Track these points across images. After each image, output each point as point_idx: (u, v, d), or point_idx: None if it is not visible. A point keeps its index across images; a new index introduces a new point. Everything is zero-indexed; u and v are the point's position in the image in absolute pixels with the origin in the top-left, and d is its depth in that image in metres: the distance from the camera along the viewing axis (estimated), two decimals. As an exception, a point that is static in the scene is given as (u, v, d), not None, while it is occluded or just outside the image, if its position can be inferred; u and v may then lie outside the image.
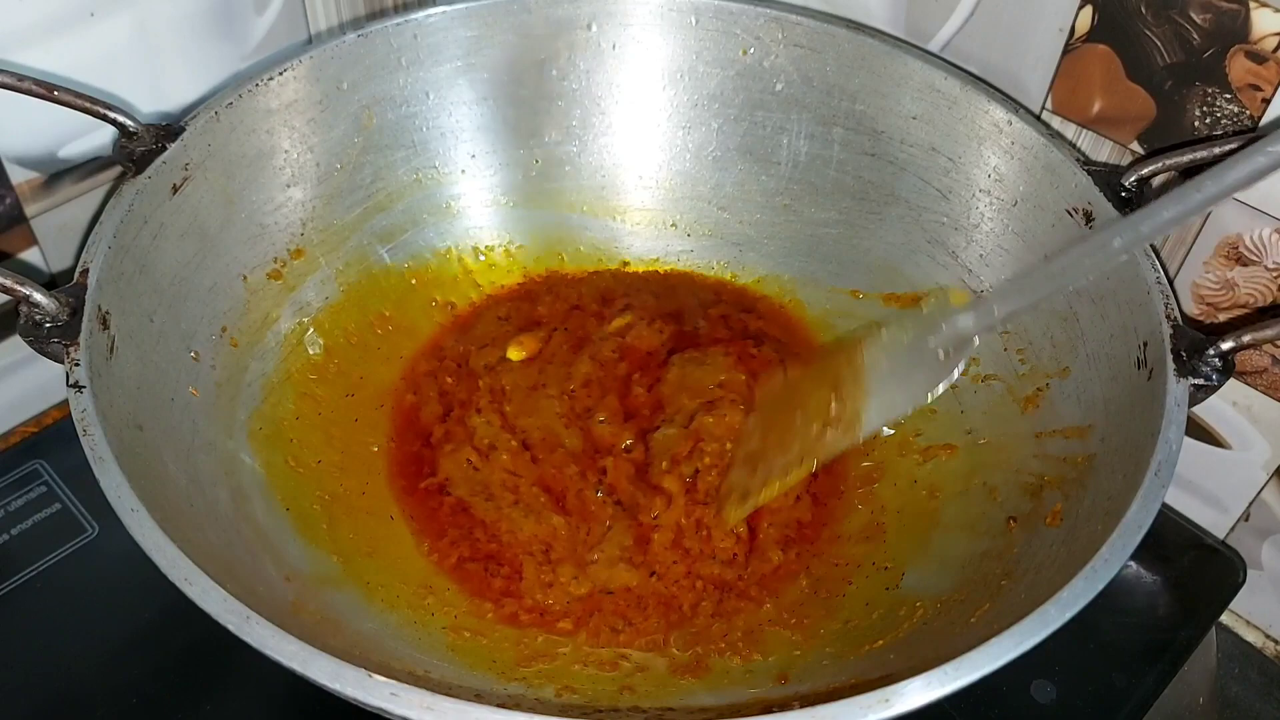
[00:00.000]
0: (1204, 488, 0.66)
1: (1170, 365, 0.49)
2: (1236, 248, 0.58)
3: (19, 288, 0.47)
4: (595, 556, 0.57)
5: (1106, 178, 0.57)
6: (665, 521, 0.58)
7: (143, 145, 0.56)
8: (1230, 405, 0.63)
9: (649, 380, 0.65)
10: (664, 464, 0.60)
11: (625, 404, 0.64)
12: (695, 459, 0.60)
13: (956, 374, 0.50)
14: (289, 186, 0.64)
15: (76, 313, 0.48)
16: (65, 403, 0.56)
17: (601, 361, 0.65)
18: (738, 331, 0.68)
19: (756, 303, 0.71)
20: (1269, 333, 0.49)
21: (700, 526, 0.58)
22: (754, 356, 0.65)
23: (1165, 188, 0.60)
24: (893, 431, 0.64)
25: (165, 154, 0.56)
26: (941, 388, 0.51)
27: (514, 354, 0.65)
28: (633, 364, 0.66)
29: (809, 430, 0.55)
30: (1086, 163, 0.59)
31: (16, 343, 0.55)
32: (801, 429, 0.55)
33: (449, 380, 0.66)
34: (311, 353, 0.64)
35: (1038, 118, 0.63)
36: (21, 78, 0.53)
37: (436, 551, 0.58)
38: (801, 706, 0.37)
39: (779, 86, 0.69)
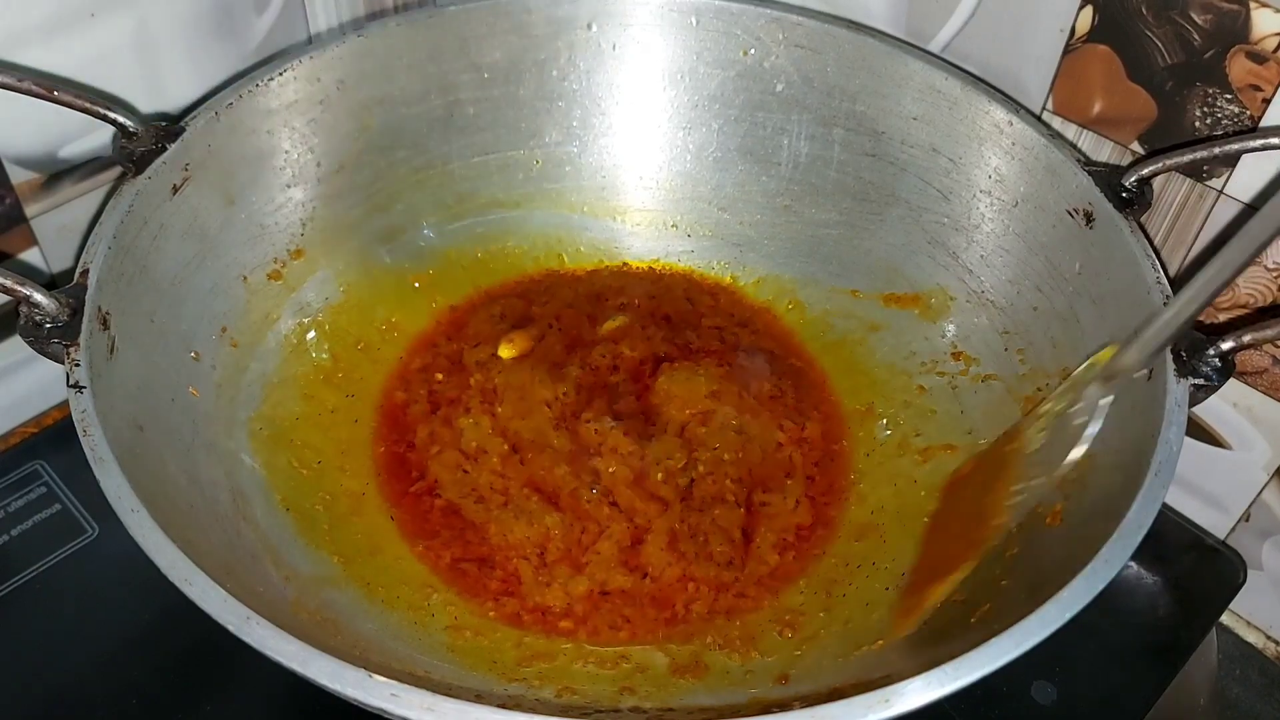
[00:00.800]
0: (1204, 488, 0.66)
1: (1170, 365, 0.49)
2: (1237, 248, 0.58)
3: (19, 288, 0.47)
4: (590, 558, 0.58)
5: (1107, 178, 0.57)
6: (659, 527, 0.58)
7: (143, 145, 0.56)
8: (1230, 405, 0.63)
9: (638, 388, 0.65)
10: (659, 475, 0.60)
11: (614, 410, 0.64)
12: (690, 470, 0.60)
13: (1095, 431, 0.49)
14: (289, 186, 0.64)
15: (77, 313, 0.48)
16: (65, 403, 0.56)
17: (592, 367, 0.65)
18: (730, 345, 0.68)
19: (752, 316, 0.71)
20: (1269, 333, 0.49)
21: (696, 532, 0.58)
22: (745, 369, 0.65)
23: (1165, 188, 0.60)
24: (890, 432, 0.64)
25: (165, 154, 0.56)
26: (1079, 452, 0.49)
27: (505, 352, 0.65)
28: (623, 371, 0.66)
29: (981, 526, 0.54)
30: (1087, 163, 0.59)
31: (16, 343, 0.55)
32: (974, 525, 0.55)
33: (439, 377, 0.65)
34: (315, 356, 0.64)
35: (1038, 118, 0.63)
36: (21, 78, 0.53)
37: (432, 552, 0.58)
38: (801, 707, 0.37)
39: (779, 87, 0.69)
